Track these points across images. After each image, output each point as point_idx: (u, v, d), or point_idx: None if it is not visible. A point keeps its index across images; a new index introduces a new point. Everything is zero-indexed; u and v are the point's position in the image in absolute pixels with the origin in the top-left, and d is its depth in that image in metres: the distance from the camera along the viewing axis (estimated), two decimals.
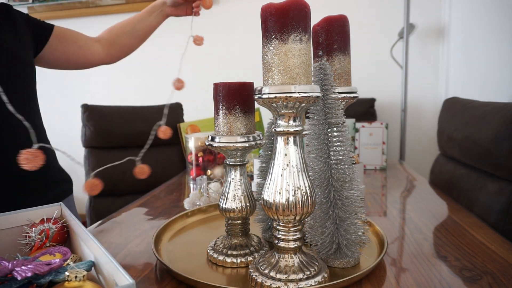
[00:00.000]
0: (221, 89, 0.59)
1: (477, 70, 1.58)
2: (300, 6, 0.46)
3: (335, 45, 0.63)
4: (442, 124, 1.40)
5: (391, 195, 1.06)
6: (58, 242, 0.56)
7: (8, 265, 0.39)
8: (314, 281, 0.50)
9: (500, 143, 0.96)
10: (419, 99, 2.01)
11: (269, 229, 0.70)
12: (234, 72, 2.18)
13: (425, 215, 0.85)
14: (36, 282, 0.40)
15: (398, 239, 0.71)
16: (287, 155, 0.49)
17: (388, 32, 1.98)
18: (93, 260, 0.45)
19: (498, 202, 0.96)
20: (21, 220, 0.57)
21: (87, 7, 2.22)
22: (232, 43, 2.17)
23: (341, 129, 0.57)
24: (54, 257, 0.45)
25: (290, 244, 0.52)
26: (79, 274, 0.38)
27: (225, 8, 2.14)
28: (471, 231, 0.74)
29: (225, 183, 0.64)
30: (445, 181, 1.30)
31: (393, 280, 0.54)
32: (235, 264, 0.60)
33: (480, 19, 1.55)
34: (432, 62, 1.98)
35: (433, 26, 1.95)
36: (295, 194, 0.48)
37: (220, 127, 0.60)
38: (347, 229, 0.57)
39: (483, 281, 0.53)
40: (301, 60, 0.46)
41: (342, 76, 0.64)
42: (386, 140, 1.43)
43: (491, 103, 1.11)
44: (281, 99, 0.46)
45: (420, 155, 2.02)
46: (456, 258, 0.61)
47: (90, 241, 0.46)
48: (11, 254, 0.54)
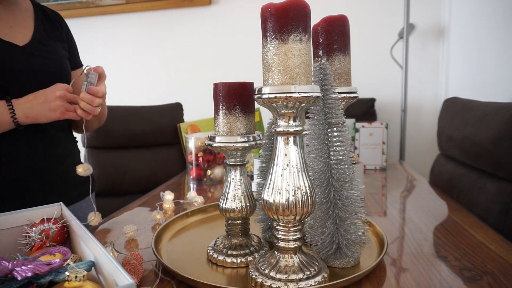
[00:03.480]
0: (221, 89, 0.59)
1: (477, 70, 1.58)
2: (300, 6, 0.46)
3: (335, 45, 0.63)
4: (442, 124, 1.40)
5: (391, 195, 1.06)
6: (58, 242, 0.56)
7: (8, 265, 0.39)
8: (314, 281, 0.50)
9: (500, 143, 0.96)
10: (419, 99, 2.01)
11: (269, 229, 0.70)
12: (234, 72, 2.18)
13: (425, 215, 0.85)
14: (36, 282, 0.40)
15: (398, 239, 0.71)
16: (287, 155, 0.49)
17: (388, 32, 1.98)
18: (93, 260, 0.45)
19: (498, 202, 0.96)
20: (21, 220, 0.57)
21: (87, 7, 2.21)
22: (232, 43, 2.17)
23: (341, 129, 0.57)
24: (54, 257, 0.45)
25: (290, 244, 0.52)
26: (79, 274, 0.38)
27: (225, 8, 2.14)
28: (471, 231, 0.74)
29: (225, 183, 0.64)
30: (445, 181, 1.30)
31: (393, 280, 0.54)
32: (235, 264, 0.60)
33: (480, 19, 1.55)
34: (432, 62, 1.98)
35: (433, 26, 1.95)
36: (295, 194, 0.48)
37: (220, 127, 0.60)
38: (347, 229, 0.57)
39: (483, 281, 0.53)
40: (301, 60, 0.46)
41: (342, 76, 0.64)
42: (386, 140, 1.43)
43: (491, 103, 1.11)
44: (281, 99, 0.46)
45: (420, 155, 2.02)
46: (456, 258, 0.61)
47: (90, 241, 0.46)
48: (11, 254, 0.54)
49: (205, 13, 2.15)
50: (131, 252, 0.59)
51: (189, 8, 2.16)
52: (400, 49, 1.90)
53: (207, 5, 2.13)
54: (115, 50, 2.27)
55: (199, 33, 2.18)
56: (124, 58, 2.26)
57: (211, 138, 0.60)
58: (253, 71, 1.97)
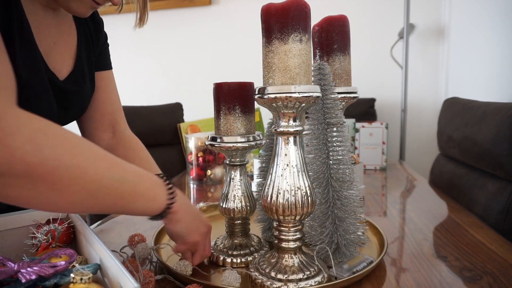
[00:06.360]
0: (221, 89, 0.59)
1: (477, 70, 1.58)
2: (300, 6, 0.46)
3: (335, 45, 0.63)
4: (442, 124, 1.40)
5: (391, 195, 1.06)
6: (64, 243, 0.55)
7: (14, 267, 0.39)
8: (314, 281, 0.50)
9: (500, 143, 0.96)
10: (419, 99, 2.01)
11: (269, 229, 0.70)
12: (234, 72, 2.18)
13: (425, 215, 0.85)
14: (41, 285, 0.39)
15: (398, 239, 0.71)
16: (287, 155, 0.49)
17: (388, 32, 1.98)
18: (98, 263, 0.45)
19: (498, 202, 0.96)
20: (27, 221, 0.56)
21: None
22: (232, 43, 2.17)
23: (340, 129, 0.57)
24: (60, 259, 0.45)
25: (290, 244, 0.52)
26: (85, 277, 0.38)
27: (225, 8, 2.14)
28: (471, 231, 0.74)
29: (225, 183, 0.64)
30: (445, 181, 1.30)
31: (393, 280, 0.54)
32: (235, 264, 0.60)
33: (480, 19, 1.55)
34: (432, 62, 1.98)
35: (433, 26, 1.95)
36: (295, 194, 0.48)
37: (220, 127, 0.60)
38: (346, 229, 0.57)
39: (483, 281, 0.53)
40: (301, 60, 0.46)
41: (342, 76, 0.64)
42: (386, 140, 1.43)
43: (491, 103, 1.11)
44: (281, 99, 0.46)
45: (420, 155, 2.02)
46: (456, 258, 0.61)
47: (96, 243, 0.46)
48: (18, 254, 0.54)
49: (205, 13, 2.15)
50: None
51: (189, 8, 2.16)
52: (400, 49, 1.90)
53: (207, 5, 2.13)
54: (115, 50, 2.25)
55: (199, 33, 2.18)
56: (124, 58, 2.26)
57: (211, 138, 0.60)
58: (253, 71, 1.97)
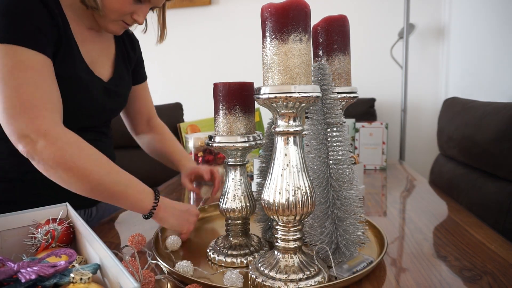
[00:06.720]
0: (221, 89, 0.59)
1: (477, 70, 1.58)
2: (300, 6, 0.46)
3: (335, 45, 0.63)
4: (442, 124, 1.40)
5: (391, 195, 1.06)
6: (64, 242, 0.55)
7: (14, 267, 0.39)
8: (314, 281, 0.50)
9: (500, 143, 0.96)
10: (419, 99, 2.01)
11: (269, 229, 0.70)
12: (234, 72, 2.18)
13: (425, 215, 0.85)
14: (41, 284, 0.39)
15: (398, 239, 0.71)
16: (287, 155, 0.49)
17: (388, 32, 1.98)
18: (98, 263, 0.45)
19: (498, 202, 0.96)
20: (26, 221, 0.56)
21: None
22: (232, 43, 2.17)
23: (340, 129, 0.57)
24: (60, 258, 0.45)
25: (290, 244, 0.52)
26: (84, 276, 0.38)
27: (225, 8, 2.14)
28: (471, 231, 0.74)
29: (225, 183, 0.64)
30: (445, 181, 1.30)
31: (393, 280, 0.54)
32: (235, 264, 0.60)
33: (480, 19, 1.55)
34: (432, 62, 1.98)
35: (433, 26, 1.95)
36: (295, 194, 0.48)
37: (220, 127, 0.60)
38: (346, 229, 0.57)
39: (483, 281, 0.53)
40: (301, 60, 0.46)
41: (342, 76, 0.64)
42: (386, 140, 1.43)
43: (491, 103, 1.11)
44: (281, 99, 0.46)
45: (420, 155, 2.02)
46: (456, 258, 0.61)
47: (95, 243, 0.46)
48: (18, 254, 0.53)
49: (205, 13, 2.15)
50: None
51: (189, 8, 2.16)
52: (400, 49, 1.90)
53: (207, 5, 2.13)
54: None
55: (199, 33, 2.18)
56: None
57: (211, 138, 0.60)
58: (253, 71, 1.97)
